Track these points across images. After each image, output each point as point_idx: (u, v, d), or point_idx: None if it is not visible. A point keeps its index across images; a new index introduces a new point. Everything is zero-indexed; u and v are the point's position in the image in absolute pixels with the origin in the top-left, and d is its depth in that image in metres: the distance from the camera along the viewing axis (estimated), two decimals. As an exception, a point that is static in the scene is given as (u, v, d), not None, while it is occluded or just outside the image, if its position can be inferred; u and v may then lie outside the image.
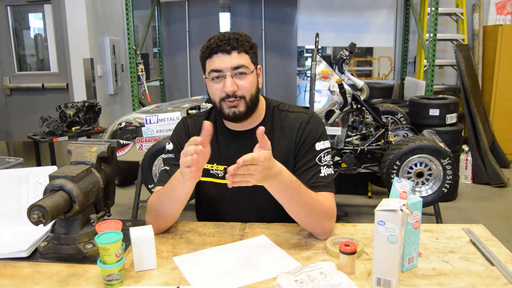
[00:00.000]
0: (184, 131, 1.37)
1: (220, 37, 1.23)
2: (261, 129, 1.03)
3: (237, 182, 1.01)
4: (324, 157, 1.29)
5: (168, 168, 1.34)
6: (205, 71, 1.27)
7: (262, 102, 1.36)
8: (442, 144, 2.72)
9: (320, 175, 1.26)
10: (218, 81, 1.24)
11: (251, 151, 1.06)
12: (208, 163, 1.19)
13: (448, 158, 2.65)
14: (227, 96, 1.22)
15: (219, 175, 1.33)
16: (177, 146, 1.36)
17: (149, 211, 1.29)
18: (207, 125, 1.06)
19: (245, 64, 1.23)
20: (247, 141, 1.25)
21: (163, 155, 1.40)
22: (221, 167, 1.33)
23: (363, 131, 3.06)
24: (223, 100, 1.24)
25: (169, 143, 1.38)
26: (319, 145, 1.30)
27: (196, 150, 1.03)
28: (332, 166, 1.31)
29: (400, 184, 1.03)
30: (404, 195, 1.02)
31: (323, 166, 1.28)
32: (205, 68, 1.27)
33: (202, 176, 1.18)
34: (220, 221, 1.38)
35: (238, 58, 1.22)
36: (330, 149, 1.33)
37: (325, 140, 1.32)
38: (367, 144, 2.98)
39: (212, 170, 1.34)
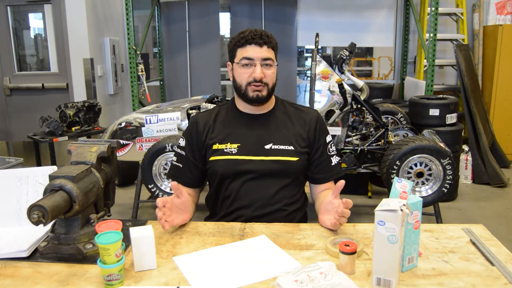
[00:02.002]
0: (196, 127, 1.52)
1: (253, 31, 1.43)
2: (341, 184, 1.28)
3: (338, 223, 1.24)
4: (331, 147, 1.54)
5: (180, 166, 1.51)
6: (234, 57, 1.46)
7: (272, 96, 1.54)
8: (442, 144, 2.72)
9: (332, 164, 1.52)
10: (247, 68, 1.42)
11: (260, 131, 1.46)
12: (221, 143, 1.46)
13: (448, 158, 2.65)
14: (254, 80, 1.41)
15: (233, 152, 1.46)
16: (189, 142, 1.51)
17: None
18: (173, 186, 1.30)
19: (272, 57, 1.44)
20: (257, 123, 1.49)
21: (176, 149, 1.55)
22: (235, 145, 1.47)
23: (363, 131, 3.06)
24: (249, 84, 1.42)
25: (182, 139, 1.54)
26: (328, 138, 1.54)
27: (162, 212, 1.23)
28: (336, 153, 1.56)
29: (400, 184, 1.03)
30: (404, 195, 1.02)
31: (333, 156, 1.53)
32: (234, 55, 1.46)
33: (217, 155, 1.45)
34: (230, 200, 1.46)
35: (267, 52, 1.43)
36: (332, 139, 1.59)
37: (329, 133, 1.56)
38: (367, 144, 2.98)
39: (226, 148, 1.47)
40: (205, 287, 1.00)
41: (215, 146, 1.47)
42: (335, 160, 1.53)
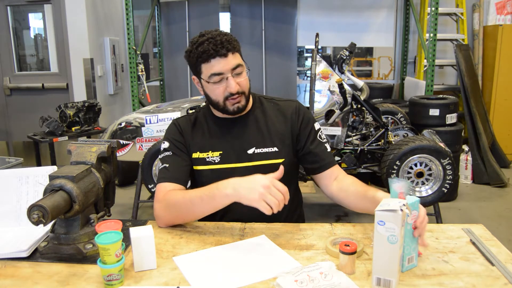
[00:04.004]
0: (177, 130, 1.44)
1: (212, 41, 1.29)
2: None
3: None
4: (322, 134, 1.47)
5: (167, 165, 1.39)
6: (200, 73, 1.35)
7: (250, 99, 1.47)
8: (442, 144, 2.72)
9: (327, 151, 1.44)
10: (219, 83, 1.33)
11: (241, 136, 1.40)
12: (202, 152, 1.41)
13: (448, 158, 2.65)
14: (231, 94, 1.33)
15: (216, 161, 1.41)
16: (174, 143, 1.42)
17: (170, 207, 1.30)
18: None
19: (240, 62, 1.34)
20: (236, 127, 1.42)
21: (160, 155, 1.45)
22: (217, 153, 1.41)
23: (363, 131, 3.06)
24: (227, 98, 1.35)
25: (164, 143, 1.45)
26: (316, 125, 1.47)
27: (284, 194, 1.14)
28: (327, 141, 1.50)
29: (396, 185, 1.03)
30: (402, 196, 1.03)
31: (325, 143, 1.46)
32: (199, 71, 1.35)
33: (199, 165, 1.40)
34: (220, 214, 1.39)
35: (233, 59, 1.32)
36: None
37: (316, 120, 1.50)
38: (367, 144, 2.98)
39: (208, 158, 1.41)
40: (205, 287, 1.00)
41: (195, 155, 1.41)
42: (327, 146, 1.45)
